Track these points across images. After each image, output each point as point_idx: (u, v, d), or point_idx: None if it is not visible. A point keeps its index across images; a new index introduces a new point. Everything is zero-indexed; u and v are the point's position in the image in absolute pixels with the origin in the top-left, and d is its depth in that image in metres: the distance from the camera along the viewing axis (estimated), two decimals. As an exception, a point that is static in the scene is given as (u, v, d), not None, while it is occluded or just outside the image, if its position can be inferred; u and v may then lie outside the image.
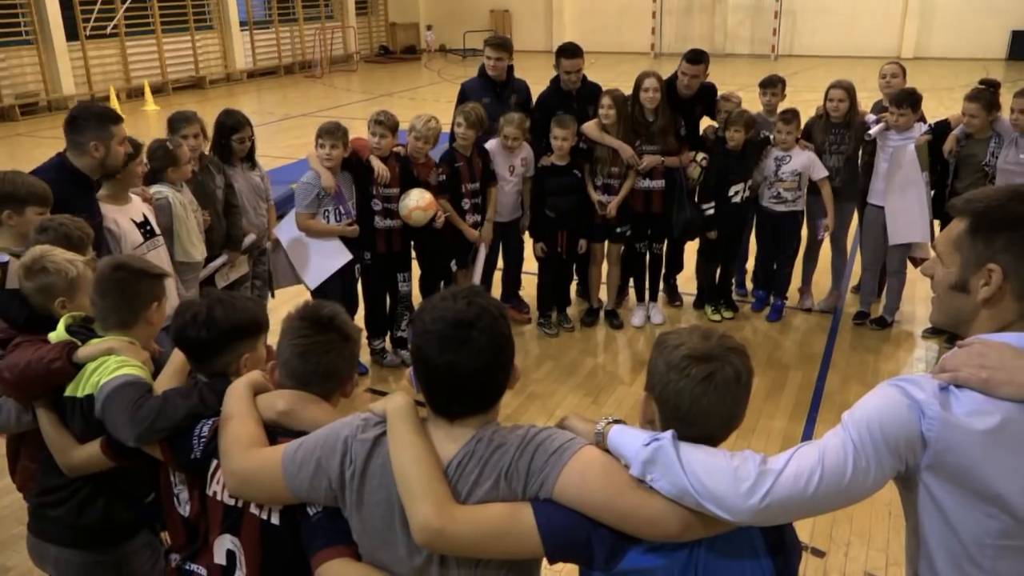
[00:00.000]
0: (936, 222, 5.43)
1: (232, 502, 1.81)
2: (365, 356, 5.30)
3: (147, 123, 13.59)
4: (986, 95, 5.12)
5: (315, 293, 4.85)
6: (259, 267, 5.10)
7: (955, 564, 1.40)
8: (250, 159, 4.97)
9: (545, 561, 1.57)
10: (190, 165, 4.27)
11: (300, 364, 1.83)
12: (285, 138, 12.20)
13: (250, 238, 4.84)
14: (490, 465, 1.52)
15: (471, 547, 1.50)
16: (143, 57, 17.09)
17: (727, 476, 1.39)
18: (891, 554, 3.49)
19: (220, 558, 1.83)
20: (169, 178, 4.17)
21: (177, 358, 2.12)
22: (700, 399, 1.47)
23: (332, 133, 4.72)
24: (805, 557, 3.50)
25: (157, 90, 16.54)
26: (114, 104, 14.23)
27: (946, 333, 5.52)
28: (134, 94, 16.38)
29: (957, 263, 1.45)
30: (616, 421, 1.58)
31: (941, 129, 5.36)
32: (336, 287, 4.90)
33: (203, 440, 1.87)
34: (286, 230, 4.97)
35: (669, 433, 1.47)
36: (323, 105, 15.87)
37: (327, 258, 4.88)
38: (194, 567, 1.91)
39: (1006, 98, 5.17)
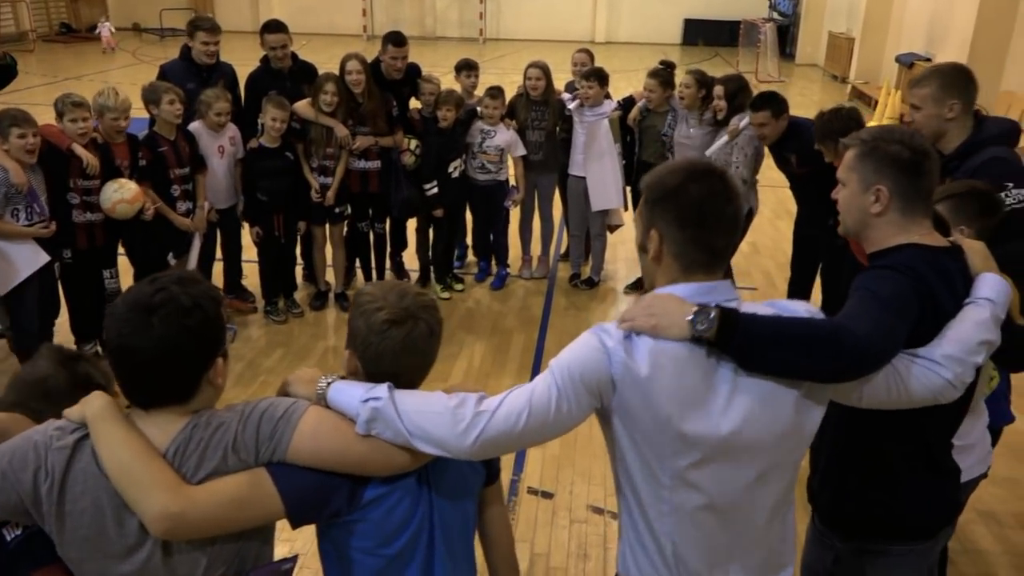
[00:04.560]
0: (628, 189, 6.05)
1: None
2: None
3: None
4: (663, 73, 5.81)
5: (6, 300, 4.34)
6: None
7: (650, 486, 1.62)
8: None
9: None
10: None
11: None
12: (-51, 128, 10.60)
13: None
14: (212, 445, 1.49)
15: (213, 523, 1.47)
16: None
17: (445, 420, 1.53)
18: (608, 487, 3.90)
19: None
20: None
21: None
22: (400, 356, 1.63)
23: (27, 120, 4.20)
24: (535, 500, 3.81)
25: None
26: None
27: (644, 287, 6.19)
28: None
29: (639, 228, 1.68)
30: (337, 378, 1.64)
31: (628, 104, 5.98)
32: (33, 291, 4.40)
33: None
34: None
35: (385, 388, 1.57)
36: (-5, 90, 13.98)
37: (19, 262, 4.34)
38: None
39: (680, 78, 5.86)
